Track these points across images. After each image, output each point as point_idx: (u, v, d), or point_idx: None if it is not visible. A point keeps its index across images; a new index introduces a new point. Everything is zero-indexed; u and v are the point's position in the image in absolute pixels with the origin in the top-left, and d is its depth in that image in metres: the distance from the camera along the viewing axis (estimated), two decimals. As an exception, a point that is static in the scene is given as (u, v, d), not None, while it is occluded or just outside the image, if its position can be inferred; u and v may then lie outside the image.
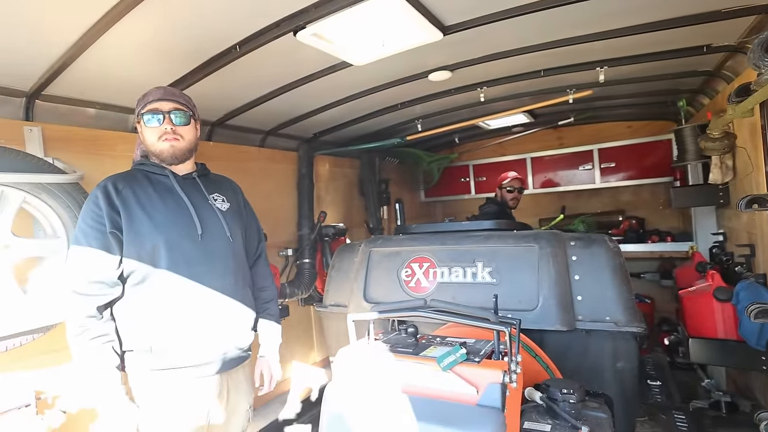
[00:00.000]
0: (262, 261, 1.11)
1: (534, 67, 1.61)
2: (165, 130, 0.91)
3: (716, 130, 1.47)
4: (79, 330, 0.81)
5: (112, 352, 0.83)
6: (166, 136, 0.91)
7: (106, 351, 0.83)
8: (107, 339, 0.83)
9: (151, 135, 0.92)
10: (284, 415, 1.87)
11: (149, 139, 0.92)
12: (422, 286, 1.36)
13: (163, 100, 0.92)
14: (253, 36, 1.11)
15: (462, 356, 0.67)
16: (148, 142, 0.93)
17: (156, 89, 0.94)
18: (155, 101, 0.92)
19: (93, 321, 0.82)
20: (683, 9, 1.15)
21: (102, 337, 0.83)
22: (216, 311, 0.91)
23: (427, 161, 3.09)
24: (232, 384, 0.96)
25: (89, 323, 0.82)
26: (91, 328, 0.82)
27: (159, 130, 0.91)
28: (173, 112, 0.92)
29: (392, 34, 1.17)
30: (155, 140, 0.92)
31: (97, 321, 0.83)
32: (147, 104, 0.92)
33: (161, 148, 0.92)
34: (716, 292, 1.41)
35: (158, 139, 0.91)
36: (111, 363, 0.83)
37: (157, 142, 0.92)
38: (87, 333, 0.81)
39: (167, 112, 0.91)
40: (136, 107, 0.95)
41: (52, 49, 1.00)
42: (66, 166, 1.19)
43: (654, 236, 2.58)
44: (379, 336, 0.87)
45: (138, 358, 0.86)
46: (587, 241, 1.24)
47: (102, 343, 0.82)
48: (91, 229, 0.83)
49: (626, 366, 1.11)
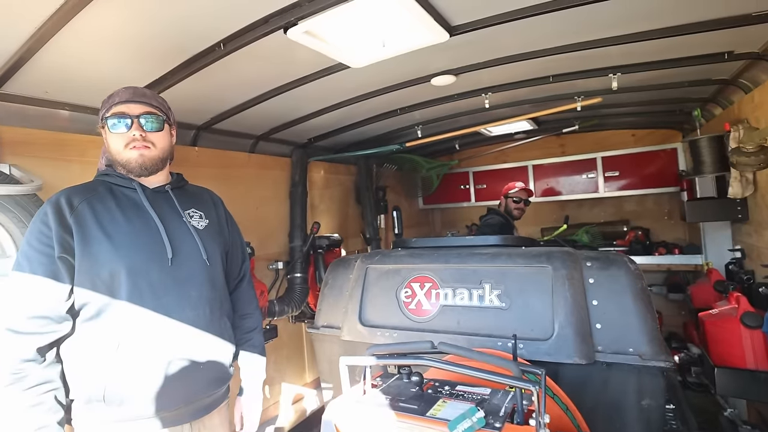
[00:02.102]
0: (246, 284, 0.97)
1: (543, 73, 1.52)
2: (133, 136, 0.78)
3: (750, 143, 1.38)
4: (11, 378, 0.66)
5: (54, 404, 0.69)
6: (135, 144, 0.78)
7: (46, 403, 0.68)
8: (49, 387, 0.69)
9: (116, 142, 0.79)
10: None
11: (114, 147, 0.79)
12: (424, 309, 1.24)
13: (132, 102, 0.79)
14: (238, 33, 0.99)
15: (480, 421, 0.55)
16: (113, 150, 0.80)
17: (124, 89, 0.81)
18: (122, 103, 0.79)
19: (31, 366, 0.68)
20: (707, 12, 1.07)
21: (41, 385, 0.68)
22: (187, 349, 0.77)
23: (426, 168, 3.00)
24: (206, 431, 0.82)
25: (26, 369, 0.67)
26: (28, 375, 0.67)
27: (126, 137, 0.78)
28: (143, 116, 0.79)
29: (394, 33, 1.06)
30: (121, 148, 0.79)
31: (36, 366, 0.68)
32: (112, 106, 0.79)
33: (128, 157, 0.79)
34: (744, 317, 1.30)
35: (125, 147, 0.78)
36: (51, 419, 0.68)
37: (123, 150, 0.79)
38: (21, 382, 0.67)
39: (136, 117, 0.79)
40: (100, 110, 0.82)
41: (4, 42, 0.87)
42: (23, 175, 1.05)
43: (661, 248, 2.50)
44: (377, 381, 0.74)
45: (87, 408, 0.72)
46: (605, 261, 1.13)
47: (40, 394, 0.68)
48: (37, 252, 0.70)
49: (653, 404, 0.99)
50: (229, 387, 0.91)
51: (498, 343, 1.08)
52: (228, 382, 0.88)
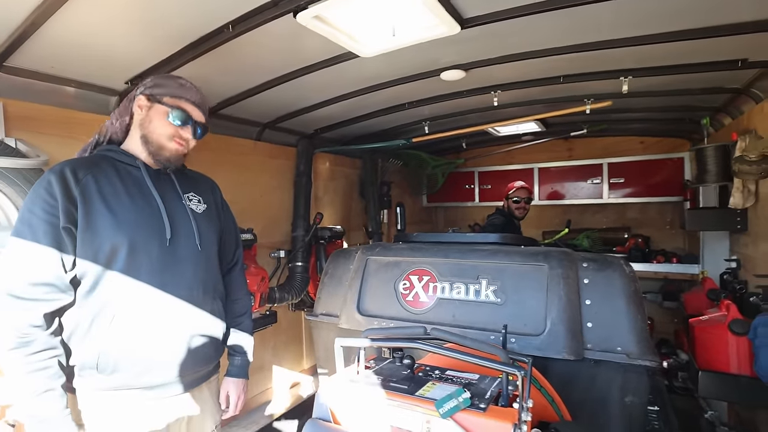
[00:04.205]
0: (238, 270, 1.00)
1: (553, 72, 1.50)
2: (182, 135, 0.83)
3: (753, 152, 1.37)
4: (17, 342, 0.68)
5: (58, 369, 0.71)
6: (179, 141, 0.83)
7: (52, 368, 0.70)
8: (54, 353, 0.71)
9: (164, 128, 0.82)
10: (270, 426, 1.77)
11: (158, 130, 0.82)
12: (421, 301, 1.26)
13: (199, 108, 0.85)
14: (247, 15, 1.00)
15: (465, 401, 0.57)
16: (154, 129, 0.82)
17: (196, 91, 0.86)
18: (191, 103, 0.84)
19: (38, 332, 0.69)
20: (725, 16, 1.05)
21: (47, 351, 0.70)
22: (180, 325, 0.80)
23: (432, 165, 3.00)
24: (195, 403, 0.84)
25: (33, 334, 0.69)
26: (35, 340, 0.69)
27: (175, 131, 0.82)
28: (201, 126, 0.85)
29: (404, 23, 1.06)
30: (165, 135, 0.82)
31: (42, 332, 0.70)
32: (181, 98, 0.83)
33: (167, 145, 0.82)
34: (732, 324, 1.32)
35: (168, 137, 0.82)
36: (56, 383, 0.70)
37: (166, 138, 0.82)
38: (28, 347, 0.68)
39: (196, 123, 0.84)
40: (155, 83, 0.83)
41: (10, 12, 0.87)
42: (30, 149, 1.07)
43: (660, 256, 2.50)
44: (370, 363, 0.76)
45: (80, 376, 0.74)
46: (601, 263, 1.14)
47: (46, 359, 0.70)
48: (41, 221, 0.70)
49: (635, 401, 1.01)
50: (219, 363, 0.93)
51: (491, 336, 1.10)
52: (218, 359, 0.90)
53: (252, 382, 1.98)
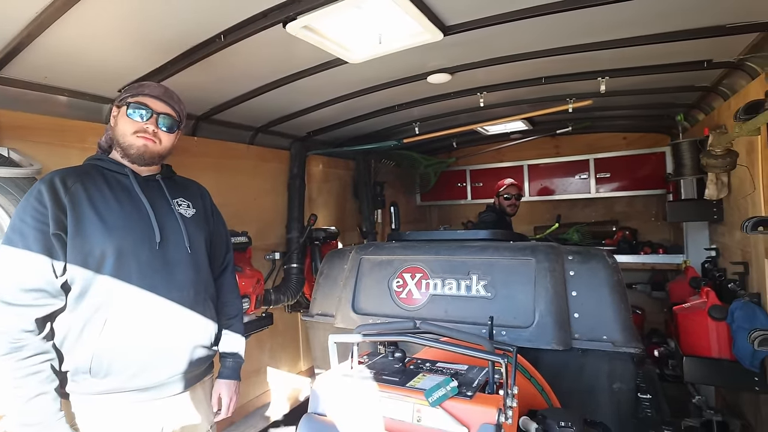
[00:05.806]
0: (228, 273, 1.01)
1: (535, 74, 1.57)
2: (145, 128, 0.83)
3: (719, 147, 1.45)
4: (8, 347, 0.68)
5: (51, 373, 0.72)
6: (144, 135, 0.83)
7: (44, 372, 0.71)
8: (46, 358, 0.72)
9: (127, 126, 0.83)
10: (267, 428, 1.78)
11: (122, 130, 0.83)
12: (414, 298, 1.30)
13: (160, 100, 0.85)
14: (238, 26, 1.03)
15: (453, 390, 0.61)
16: (119, 131, 0.84)
17: (158, 85, 0.87)
18: (150, 97, 0.84)
19: (30, 337, 0.70)
20: (688, 22, 1.13)
21: (39, 355, 0.71)
22: (171, 327, 0.81)
23: (424, 164, 3.04)
24: (189, 404, 0.86)
25: (25, 339, 0.69)
26: (26, 345, 0.69)
27: (138, 126, 0.83)
28: (164, 115, 0.85)
29: (390, 31, 1.10)
30: (129, 133, 0.83)
31: (34, 337, 0.71)
32: (139, 95, 0.84)
33: (132, 143, 0.83)
34: (711, 310, 1.38)
35: (133, 133, 0.83)
36: (49, 387, 0.71)
37: (130, 135, 0.83)
38: (20, 351, 0.69)
39: (157, 113, 0.84)
40: (122, 91, 0.86)
41: (6, 24, 0.89)
42: (22, 158, 1.08)
43: (646, 248, 2.59)
44: (364, 359, 0.79)
45: (73, 380, 0.76)
46: (586, 255, 1.19)
47: (38, 363, 0.70)
48: (32, 229, 0.72)
49: (623, 387, 1.06)
50: (213, 364, 0.94)
51: (482, 330, 1.14)
52: (211, 360, 0.92)
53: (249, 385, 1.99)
